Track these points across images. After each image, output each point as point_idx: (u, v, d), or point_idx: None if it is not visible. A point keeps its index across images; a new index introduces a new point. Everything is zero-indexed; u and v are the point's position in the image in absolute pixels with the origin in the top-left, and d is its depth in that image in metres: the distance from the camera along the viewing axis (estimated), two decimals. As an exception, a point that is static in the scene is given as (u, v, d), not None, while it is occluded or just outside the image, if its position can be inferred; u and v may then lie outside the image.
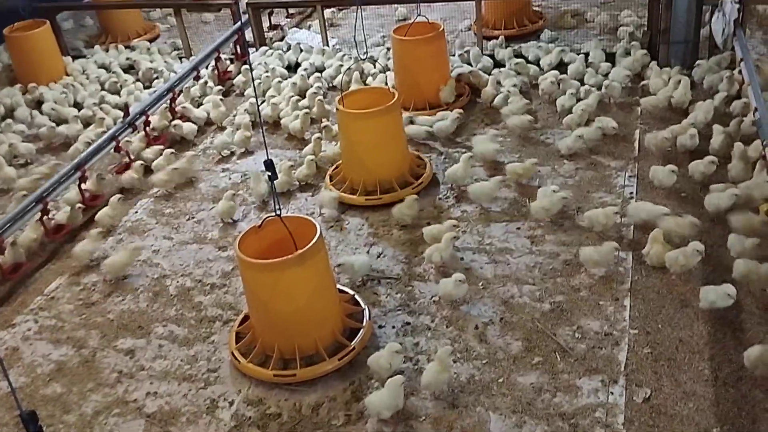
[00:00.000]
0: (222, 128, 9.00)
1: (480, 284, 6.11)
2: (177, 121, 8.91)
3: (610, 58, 9.28)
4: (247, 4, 10.87)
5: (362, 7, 11.79)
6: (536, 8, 11.25)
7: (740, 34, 8.42)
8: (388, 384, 4.90)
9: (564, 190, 6.82)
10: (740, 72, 8.00)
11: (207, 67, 10.18)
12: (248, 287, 5.49)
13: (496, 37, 10.24)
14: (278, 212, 5.24)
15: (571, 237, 6.51)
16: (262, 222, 5.46)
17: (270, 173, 5.11)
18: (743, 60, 7.94)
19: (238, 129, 8.57)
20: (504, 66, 9.46)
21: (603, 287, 5.88)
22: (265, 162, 5.11)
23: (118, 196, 7.55)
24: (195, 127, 8.92)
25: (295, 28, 11.77)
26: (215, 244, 7.08)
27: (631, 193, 6.97)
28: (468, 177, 7.30)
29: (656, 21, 9.20)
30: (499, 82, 8.89)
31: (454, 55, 9.80)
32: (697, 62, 8.74)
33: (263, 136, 5.98)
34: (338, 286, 5.99)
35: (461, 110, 8.33)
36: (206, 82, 9.82)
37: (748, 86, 7.55)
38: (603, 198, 6.97)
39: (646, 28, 9.51)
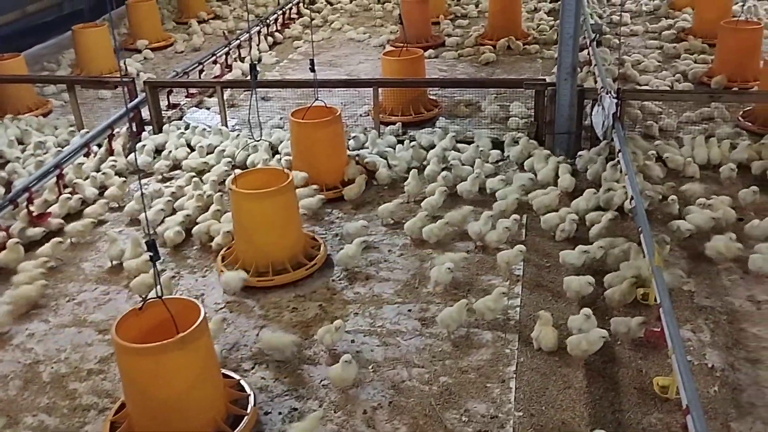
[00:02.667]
0: (120, 208, 8.73)
1: (370, 367, 6.05)
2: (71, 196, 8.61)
3: (500, 145, 9.71)
4: (144, 82, 10.80)
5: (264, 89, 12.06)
6: (432, 97, 11.69)
7: (618, 126, 8.99)
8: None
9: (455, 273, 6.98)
10: (618, 162, 8.49)
11: (100, 145, 9.97)
12: (125, 373, 5.22)
13: (394, 123, 10.56)
14: (160, 294, 5.07)
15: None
16: (143, 304, 5.25)
17: (152, 254, 4.96)
18: (621, 151, 8.45)
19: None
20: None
21: (490, 369, 5.94)
22: (147, 243, 4.96)
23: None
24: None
25: (194, 108, 11.73)
26: (95, 327, 6.74)
27: (518, 275, 7.15)
28: (359, 259, 7.33)
29: (542, 113, 9.73)
30: (390, 166, 9.09)
31: (350, 140, 9.97)
32: (579, 153, 9.24)
33: (145, 211, 5.81)
34: (223, 371, 5.79)
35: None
36: (100, 158, 9.59)
37: (625, 175, 8.01)
38: (491, 281, 7.12)
39: (533, 120, 10.02)
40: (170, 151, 9.78)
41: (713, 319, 6.38)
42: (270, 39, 15.71)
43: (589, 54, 12.32)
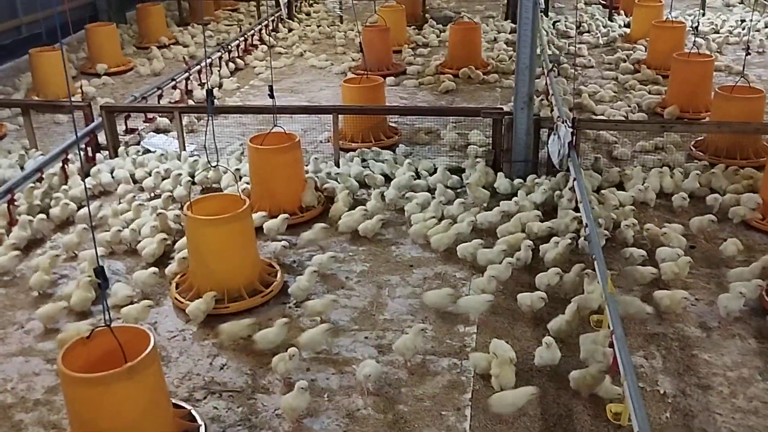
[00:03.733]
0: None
1: (325, 396, 5.98)
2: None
3: (458, 172, 9.80)
4: (100, 107, 10.68)
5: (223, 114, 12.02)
6: (392, 124, 11.76)
7: (573, 155, 9.14)
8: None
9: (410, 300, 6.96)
10: (573, 189, 8.62)
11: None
12: (71, 404, 5.07)
13: (354, 150, 10.59)
14: (108, 322, 4.96)
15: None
16: (90, 333, 5.13)
17: (100, 280, 4.86)
18: (576, 179, 8.58)
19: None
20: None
21: (446, 397, 5.91)
22: (95, 269, 4.87)
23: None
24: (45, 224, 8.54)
25: (152, 133, 11.62)
26: (44, 356, 6.57)
27: (475, 302, 7.17)
28: (312, 289, 7.29)
29: (500, 141, 9.85)
30: (350, 194, 9.11)
31: (308, 164, 9.95)
32: (536, 180, 9.35)
33: (93, 238, 5.71)
34: (174, 401, 5.67)
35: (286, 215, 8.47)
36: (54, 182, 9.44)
37: (580, 203, 8.13)
38: (449, 307, 7.11)
39: (491, 147, 10.13)
40: (128, 175, 9.67)
41: (665, 345, 6.46)
42: (231, 65, 15.70)
43: (546, 84, 12.55)
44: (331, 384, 6.12)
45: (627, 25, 18.26)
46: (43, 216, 8.59)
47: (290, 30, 19.26)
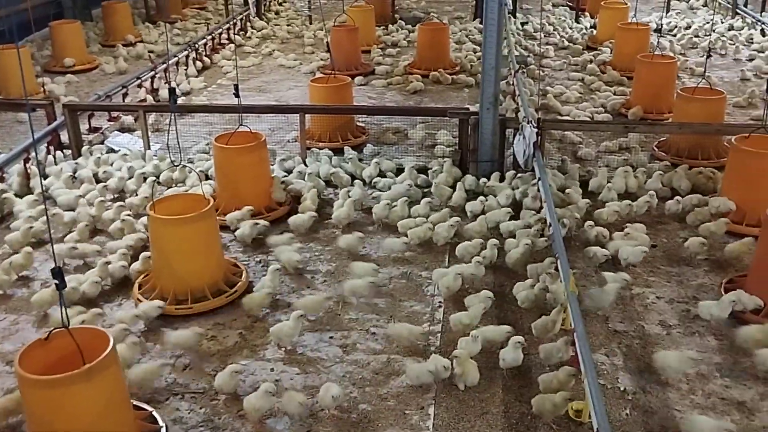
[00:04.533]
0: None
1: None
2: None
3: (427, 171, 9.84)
4: (63, 105, 10.52)
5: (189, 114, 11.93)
6: (360, 123, 11.76)
7: (539, 155, 9.22)
8: None
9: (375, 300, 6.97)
10: (538, 189, 8.69)
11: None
12: (28, 406, 5.00)
13: (321, 149, 10.55)
14: (66, 324, 4.89)
15: (381, 345, 6.58)
16: (49, 334, 5.05)
17: (57, 281, 4.78)
18: (540, 179, 8.65)
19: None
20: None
21: (409, 396, 5.93)
22: (52, 270, 4.79)
23: None
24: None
25: (116, 132, 11.47)
26: (3, 358, 6.46)
27: (440, 302, 7.20)
28: (277, 288, 7.27)
29: (466, 141, 9.91)
30: (319, 194, 9.10)
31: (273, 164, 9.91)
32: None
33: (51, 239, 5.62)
34: (134, 402, 5.61)
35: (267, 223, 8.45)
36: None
37: (545, 203, 8.20)
38: (414, 306, 7.15)
39: (457, 148, 10.18)
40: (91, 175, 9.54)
41: (626, 343, 6.55)
42: (199, 64, 15.57)
43: (513, 85, 12.64)
44: (295, 384, 6.10)
45: (593, 27, 18.48)
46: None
47: (259, 29, 19.16)
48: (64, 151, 10.49)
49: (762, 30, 17.05)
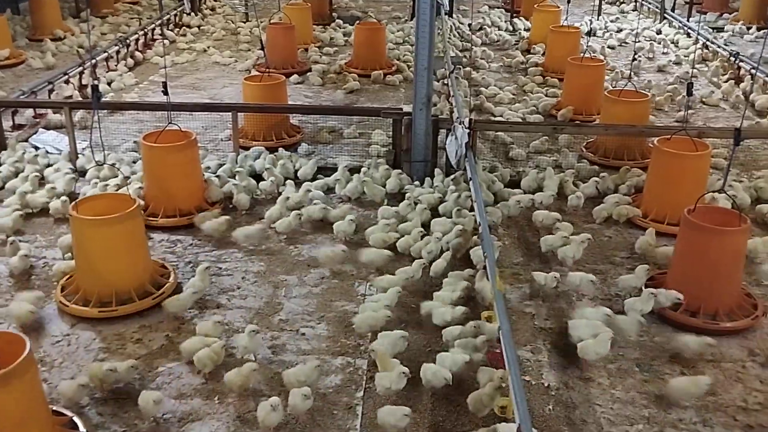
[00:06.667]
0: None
1: (216, 398, 5.90)
2: None
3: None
4: (-16, 101, 10.17)
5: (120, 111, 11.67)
6: (295, 123, 11.69)
7: (470, 155, 9.33)
8: None
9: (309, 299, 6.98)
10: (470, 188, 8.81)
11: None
12: (-61, 415, 4.81)
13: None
14: (-21, 328, 4.73)
15: (311, 345, 6.57)
16: (-40, 339, 4.88)
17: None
18: (471, 179, 8.76)
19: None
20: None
21: (338, 395, 5.94)
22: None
23: None
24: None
25: (42, 129, 11.13)
26: None
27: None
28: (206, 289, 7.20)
29: (399, 141, 9.96)
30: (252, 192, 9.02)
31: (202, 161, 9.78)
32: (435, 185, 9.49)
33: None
34: (55, 408, 5.47)
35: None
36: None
37: (475, 203, 8.31)
38: (344, 306, 7.16)
39: (392, 148, 10.23)
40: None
41: (551, 340, 6.70)
42: (130, 60, 15.23)
43: (447, 85, 12.76)
44: (222, 386, 6.03)
45: (527, 30, 18.81)
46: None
47: (193, 25, 18.85)
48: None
49: (688, 34, 17.65)
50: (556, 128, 10.68)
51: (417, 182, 9.51)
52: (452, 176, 9.50)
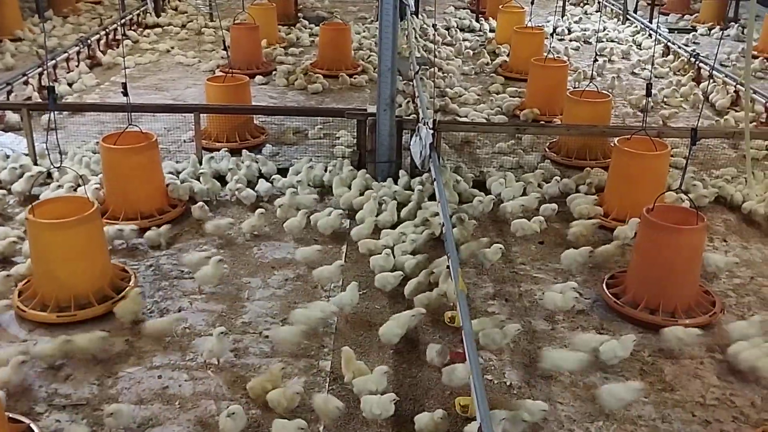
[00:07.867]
0: None
1: (177, 403, 5.83)
2: None
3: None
4: (-62, 102, 9.94)
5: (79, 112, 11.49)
6: (259, 124, 11.62)
7: (435, 156, 9.36)
8: None
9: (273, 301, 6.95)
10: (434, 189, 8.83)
11: None
12: None
13: (218, 150, 10.36)
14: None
15: (272, 349, 6.53)
16: None
17: None
18: (435, 180, 8.79)
19: None
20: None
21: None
22: None
23: None
24: None
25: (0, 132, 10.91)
26: None
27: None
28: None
29: (364, 142, 9.96)
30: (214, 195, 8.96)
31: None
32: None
33: None
34: (10, 414, 5.36)
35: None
36: None
37: (438, 203, 8.34)
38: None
39: (356, 148, 10.21)
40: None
41: (514, 339, 6.72)
42: (90, 60, 14.99)
43: (413, 86, 12.78)
44: (183, 391, 5.97)
45: (492, 30, 18.92)
46: None
47: (156, 25, 18.64)
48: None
49: (650, 35, 17.90)
50: (519, 129, 10.76)
51: (383, 182, 9.49)
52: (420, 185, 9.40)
